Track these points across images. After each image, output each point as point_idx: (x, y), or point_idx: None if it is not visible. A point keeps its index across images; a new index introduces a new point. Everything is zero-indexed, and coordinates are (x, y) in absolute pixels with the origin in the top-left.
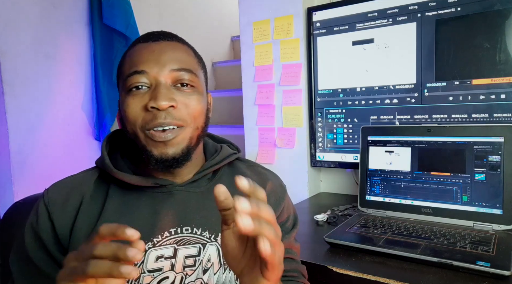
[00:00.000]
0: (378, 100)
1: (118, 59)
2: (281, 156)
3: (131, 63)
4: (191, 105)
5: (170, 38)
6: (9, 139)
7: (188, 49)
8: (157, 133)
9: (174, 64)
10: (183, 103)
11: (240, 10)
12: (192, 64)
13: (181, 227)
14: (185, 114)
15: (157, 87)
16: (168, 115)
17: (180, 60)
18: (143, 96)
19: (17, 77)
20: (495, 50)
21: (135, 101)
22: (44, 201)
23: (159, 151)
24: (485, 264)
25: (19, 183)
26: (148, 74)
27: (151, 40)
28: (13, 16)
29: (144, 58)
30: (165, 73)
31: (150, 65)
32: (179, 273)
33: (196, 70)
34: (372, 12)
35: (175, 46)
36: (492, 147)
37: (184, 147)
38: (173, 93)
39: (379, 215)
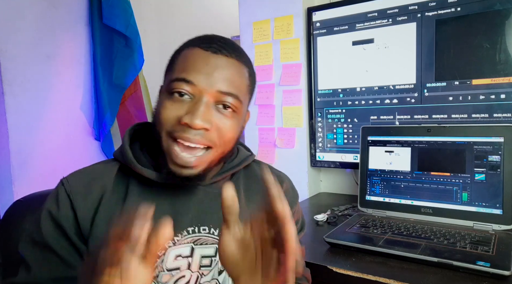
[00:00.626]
0: (378, 100)
1: (118, 59)
2: (281, 156)
3: (183, 67)
4: (225, 131)
5: (230, 53)
6: (9, 139)
7: (244, 70)
8: (180, 153)
9: (223, 86)
10: (217, 127)
11: (240, 10)
12: (241, 89)
13: (199, 227)
14: (215, 138)
15: (198, 103)
16: (198, 135)
17: (231, 82)
18: (182, 106)
19: (17, 77)
20: (495, 50)
21: (173, 107)
22: (65, 189)
23: (175, 169)
24: (485, 264)
25: (19, 182)
26: (195, 87)
27: (211, 50)
28: (13, 16)
29: (197, 68)
30: (212, 92)
31: (201, 79)
32: (194, 272)
33: (243, 95)
34: (372, 12)
35: (231, 64)
36: (492, 146)
37: (201, 170)
38: (211, 114)
39: (379, 215)
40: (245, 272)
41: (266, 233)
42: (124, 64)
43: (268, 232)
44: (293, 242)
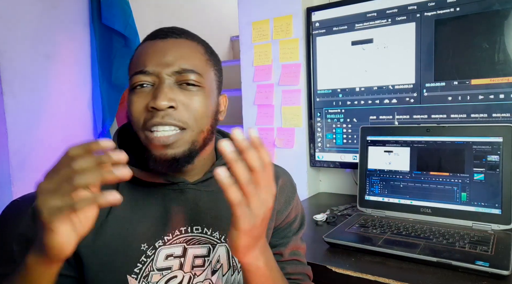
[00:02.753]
0: (377, 100)
1: (117, 59)
2: (281, 156)
3: (137, 62)
4: (193, 107)
5: (178, 35)
6: (8, 139)
7: (197, 47)
8: (156, 137)
9: (177, 65)
10: (184, 104)
11: (239, 10)
12: (198, 64)
13: (192, 226)
14: (185, 116)
15: (158, 86)
16: (166, 116)
17: (185, 59)
18: (146, 95)
19: (17, 77)
20: (494, 50)
21: (139, 100)
22: None
23: (159, 152)
24: (484, 264)
25: (18, 182)
26: (151, 74)
27: (158, 38)
28: (12, 16)
29: (149, 57)
30: (168, 74)
31: (154, 65)
32: (187, 273)
33: (202, 70)
34: (371, 12)
35: (182, 44)
36: (491, 146)
37: (185, 149)
38: (175, 93)
39: (378, 215)
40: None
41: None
42: (123, 64)
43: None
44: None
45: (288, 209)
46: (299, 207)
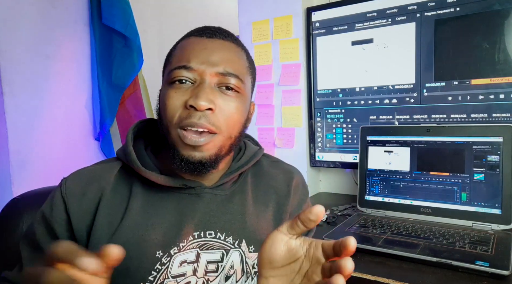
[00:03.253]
0: (377, 100)
1: (117, 59)
2: (281, 156)
3: (181, 56)
4: (229, 112)
5: (225, 37)
6: (8, 139)
7: (241, 52)
8: (189, 135)
9: (222, 67)
10: (221, 108)
11: (239, 10)
12: (241, 69)
13: (205, 231)
14: (220, 120)
15: (200, 85)
16: (203, 117)
17: (230, 63)
18: (185, 92)
19: (17, 77)
20: (494, 50)
21: (177, 95)
22: (61, 191)
23: (187, 152)
24: (484, 264)
25: (18, 182)
26: (195, 72)
27: (205, 36)
28: (12, 16)
29: (194, 53)
30: (211, 74)
31: (199, 63)
32: (200, 278)
33: (243, 76)
34: (371, 12)
35: (228, 47)
36: (491, 146)
37: (213, 153)
38: (215, 95)
39: (378, 215)
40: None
41: (320, 258)
42: (123, 64)
43: (321, 257)
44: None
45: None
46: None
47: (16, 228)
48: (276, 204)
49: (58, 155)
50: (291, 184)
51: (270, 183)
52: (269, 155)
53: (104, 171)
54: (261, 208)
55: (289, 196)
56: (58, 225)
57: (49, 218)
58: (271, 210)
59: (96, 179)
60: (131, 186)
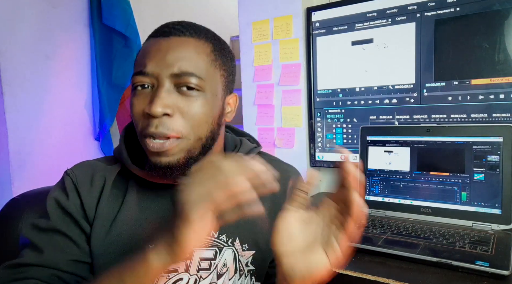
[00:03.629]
0: (377, 100)
1: (117, 59)
2: (281, 156)
3: (139, 60)
4: (191, 114)
5: (182, 32)
6: (8, 139)
7: (204, 46)
8: (151, 143)
9: (177, 67)
10: (181, 111)
11: (239, 10)
12: (201, 66)
13: None
14: (181, 124)
15: (156, 90)
16: (160, 125)
17: (186, 61)
18: (145, 98)
19: (17, 77)
20: (494, 50)
21: (138, 102)
22: (71, 179)
23: (154, 158)
24: (484, 264)
25: (18, 182)
26: (150, 76)
27: (162, 35)
28: (12, 16)
29: (149, 57)
30: (166, 76)
31: (153, 66)
32: (193, 275)
33: (206, 72)
34: (371, 12)
35: (185, 43)
36: (491, 146)
37: (181, 157)
38: (172, 98)
39: (378, 215)
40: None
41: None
42: (123, 64)
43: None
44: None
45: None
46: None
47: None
48: (272, 202)
49: (58, 155)
50: (287, 183)
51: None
52: (268, 154)
53: (107, 163)
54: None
55: (285, 195)
56: (76, 210)
57: (65, 203)
58: (266, 208)
59: (100, 169)
60: (128, 181)
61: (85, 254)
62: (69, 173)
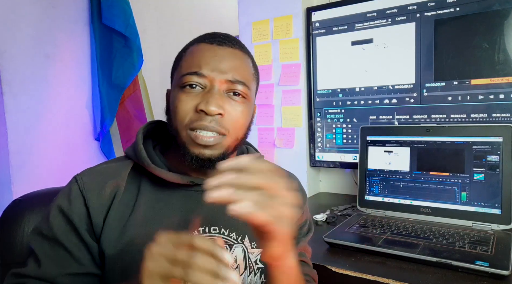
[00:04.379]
0: (377, 100)
1: (117, 59)
2: (281, 156)
3: (192, 62)
4: (237, 116)
5: (233, 44)
6: (8, 139)
7: (248, 59)
8: (200, 136)
9: (231, 74)
10: (229, 113)
11: (239, 10)
12: (248, 77)
13: (209, 227)
14: (229, 124)
15: (210, 91)
16: (213, 121)
17: (239, 70)
18: (196, 96)
19: (17, 77)
20: (494, 50)
21: (188, 99)
22: (78, 186)
23: (198, 150)
24: (484, 264)
25: (18, 182)
26: (206, 78)
27: (216, 43)
28: (13, 16)
29: (205, 60)
30: (221, 81)
31: (210, 70)
32: None
33: (250, 83)
34: (371, 12)
35: (236, 54)
36: (491, 146)
37: (221, 152)
38: (224, 101)
39: (378, 215)
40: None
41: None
42: (123, 64)
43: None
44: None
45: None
46: (308, 212)
47: (18, 229)
48: None
49: (58, 155)
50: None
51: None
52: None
53: (119, 168)
54: None
55: None
56: (78, 219)
57: (67, 211)
58: None
59: (112, 176)
60: (140, 183)
61: (84, 265)
62: (78, 180)
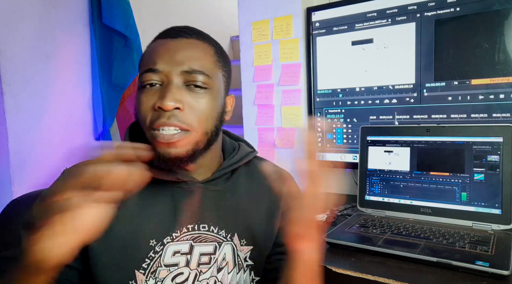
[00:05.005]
0: (377, 100)
1: (117, 59)
2: (281, 156)
3: (147, 60)
4: (199, 109)
5: (189, 35)
6: (8, 139)
7: (208, 48)
8: (161, 134)
9: (187, 65)
10: (190, 105)
11: (239, 10)
12: (207, 65)
13: (198, 224)
14: (190, 117)
15: (167, 86)
16: (172, 117)
17: (195, 60)
18: (154, 94)
19: (17, 77)
20: (494, 50)
21: (147, 99)
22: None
23: (163, 150)
24: (484, 264)
25: (18, 183)
26: (160, 73)
27: (169, 37)
28: (13, 16)
29: (159, 55)
30: (177, 73)
31: (163, 64)
32: (193, 270)
33: (211, 72)
34: (371, 12)
35: (192, 44)
36: (491, 146)
37: (189, 149)
38: (182, 94)
39: (378, 215)
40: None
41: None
42: (123, 64)
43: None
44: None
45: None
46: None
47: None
48: (269, 201)
49: (58, 155)
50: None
51: (263, 182)
52: (263, 158)
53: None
54: (254, 204)
55: (280, 194)
56: None
57: None
58: (264, 206)
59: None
60: None
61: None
62: (65, 172)
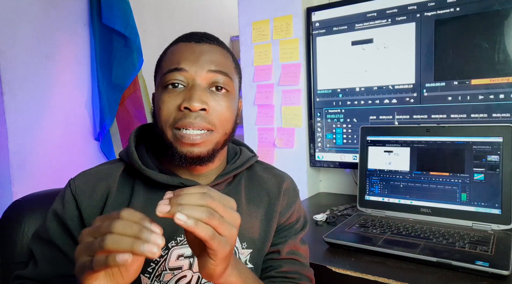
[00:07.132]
0: (377, 100)
1: (117, 59)
2: (281, 156)
3: (172, 60)
4: (222, 111)
5: (211, 41)
6: (8, 140)
7: (227, 54)
8: (186, 135)
9: (212, 66)
10: (214, 108)
11: (239, 10)
12: (229, 68)
13: None
14: (214, 118)
15: (192, 88)
16: (198, 117)
17: (218, 62)
18: (178, 95)
19: (17, 77)
20: (494, 50)
21: (170, 99)
22: (71, 190)
23: (186, 149)
24: (484, 264)
25: (18, 183)
26: (186, 73)
27: (193, 41)
28: (12, 16)
29: (184, 56)
30: (202, 74)
31: (190, 64)
32: (196, 273)
33: (231, 75)
34: (371, 12)
35: (215, 49)
36: (491, 146)
37: (210, 148)
38: (207, 96)
39: (378, 215)
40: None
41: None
42: (123, 64)
43: None
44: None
45: (290, 211)
46: (301, 210)
47: (18, 230)
48: (267, 204)
49: (58, 155)
50: (281, 186)
51: (262, 186)
52: (263, 162)
53: (110, 170)
54: (254, 208)
55: (279, 197)
56: (71, 221)
57: (61, 215)
58: (263, 210)
59: (104, 178)
60: (133, 185)
61: None
62: (71, 183)
